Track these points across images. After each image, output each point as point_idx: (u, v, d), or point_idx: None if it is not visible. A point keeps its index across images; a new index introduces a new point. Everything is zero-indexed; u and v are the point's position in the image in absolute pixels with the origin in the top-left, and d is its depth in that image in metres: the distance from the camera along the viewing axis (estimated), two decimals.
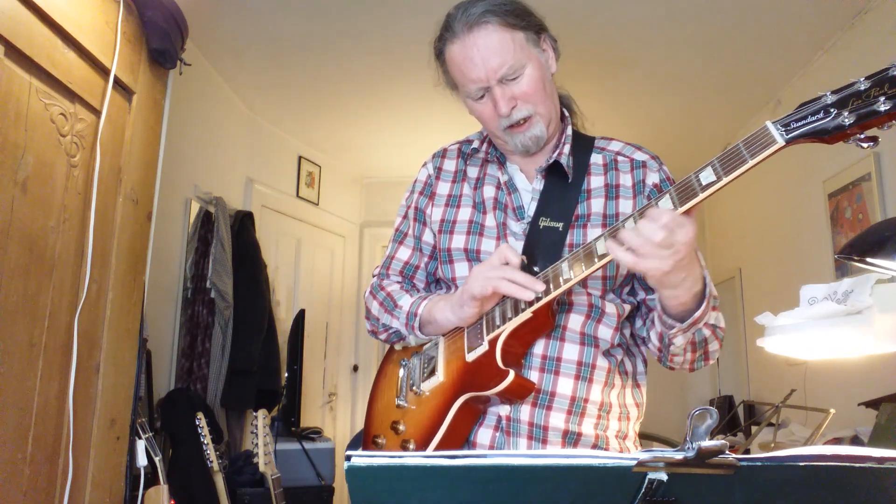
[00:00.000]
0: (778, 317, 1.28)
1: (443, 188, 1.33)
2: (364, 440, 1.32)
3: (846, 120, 0.79)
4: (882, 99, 0.76)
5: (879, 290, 1.13)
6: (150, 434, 2.20)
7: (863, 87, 0.78)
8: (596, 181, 1.25)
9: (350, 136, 4.42)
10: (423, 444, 1.14)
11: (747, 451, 2.64)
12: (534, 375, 1.15)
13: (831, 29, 3.02)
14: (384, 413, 1.28)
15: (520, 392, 1.12)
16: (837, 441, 2.50)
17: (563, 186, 1.23)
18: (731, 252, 4.63)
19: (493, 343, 1.12)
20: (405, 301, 1.28)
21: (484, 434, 1.16)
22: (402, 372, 1.29)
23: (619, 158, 1.27)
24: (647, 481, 0.59)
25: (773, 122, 0.85)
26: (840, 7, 2.86)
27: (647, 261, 0.94)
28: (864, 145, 0.80)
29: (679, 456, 0.57)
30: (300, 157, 4.57)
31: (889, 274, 1.18)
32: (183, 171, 3.26)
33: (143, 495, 2.12)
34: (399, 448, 1.18)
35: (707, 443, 0.56)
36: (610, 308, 1.21)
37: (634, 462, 0.57)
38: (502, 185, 1.27)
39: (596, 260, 1.02)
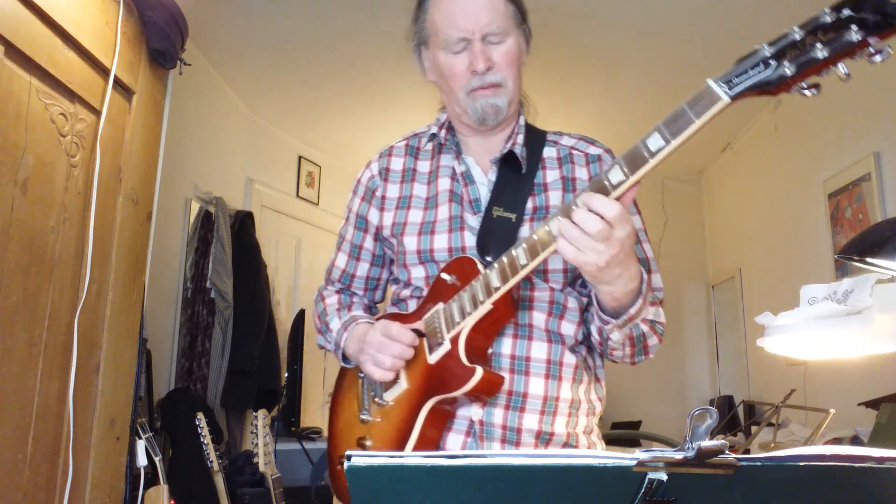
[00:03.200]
0: (778, 317, 1.28)
1: (392, 190, 1.30)
2: (329, 465, 1.29)
3: (787, 70, 0.78)
4: (819, 45, 0.75)
5: (879, 290, 1.13)
6: (150, 434, 2.20)
7: (798, 37, 0.78)
8: (552, 174, 1.23)
9: (350, 136, 4.42)
10: None
11: (747, 451, 2.64)
12: (504, 377, 1.13)
13: None
14: (348, 431, 1.25)
15: (489, 388, 1.08)
16: (837, 441, 2.50)
17: (516, 178, 1.21)
18: (731, 252, 4.63)
19: (454, 341, 1.09)
20: (335, 325, 1.29)
21: (454, 439, 1.13)
22: (360, 385, 1.26)
23: (574, 152, 1.26)
24: (647, 481, 0.59)
25: (714, 80, 0.83)
26: None
27: (584, 254, 0.92)
28: (808, 93, 0.79)
29: (679, 456, 0.57)
30: (300, 157, 4.57)
31: (889, 274, 1.18)
32: (183, 171, 3.26)
33: (143, 495, 2.12)
34: None
35: (707, 443, 0.56)
36: (571, 302, 1.19)
37: (634, 462, 0.57)
38: (458, 175, 1.25)
39: (540, 250, 0.99)
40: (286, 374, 3.81)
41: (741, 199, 4.46)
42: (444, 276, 1.15)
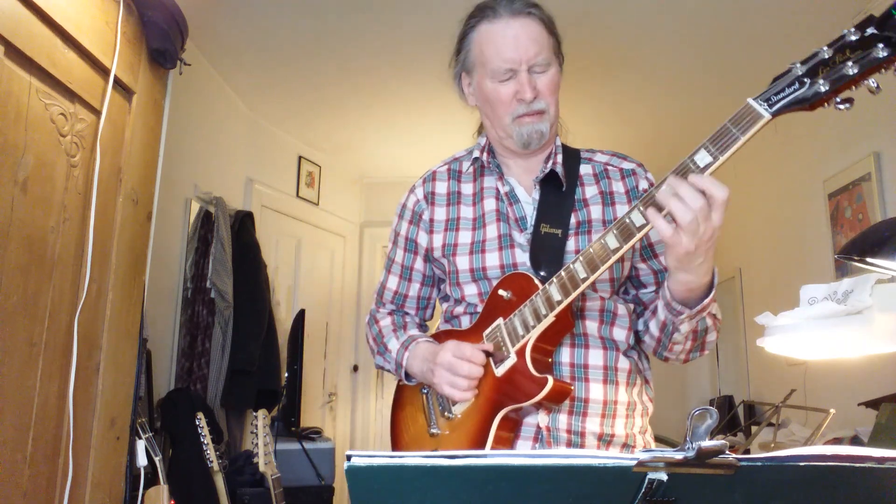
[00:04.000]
0: (778, 317, 1.28)
1: (439, 213, 1.36)
2: None
3: (822, 87, 0.84)
4: (849, 63, 0.81)
5: (879, 290, 1.13)
6: (150, 434, 2.20)
7: (827, 56, 0.84)
8: (590, 190, 1.30)
9: (350, 136, 4.42)
10: None
11: (747, 451, 2.64)
12: (572, 386, 1.17)
13: (831, 29, 3.02)
14: (416, 445, 1.28)
15: (559, 396, 1.12)
16: (837, 441, 2.50)
17: (558, 195, 1.28)
18: (731, 252, 4.63)
19: (520, 353, 1.13)
20: (393, 345, 1.34)
21: (523, 446, 1.18)
22: (426, 399, 1.30)
23: (609, 168, 1.33)
24: (647, 481, 0.59)
25: (754, 99, 0.90)
26: (840, 7, 2.86)
27: (682, 234, 0.95)
28: (842, 107, 0.85)
29: (679, 456, 0.57)
30: (300, 157, 4.57)
31: (889, 274, 1.18)
32: (183, 171, 3.26)
33: (143, 495, 2.12)
34: None
35: (707, 443, 0.56)
36: (621, 309, 1.25)
37: (634, 462, 0.57)
38: (503, 196, 1.30)
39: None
40: (286, 374, 3.81)
41: (741, 199, 4.46)
42: (501, 292, 1.20)
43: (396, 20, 3.02)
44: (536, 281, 1.15)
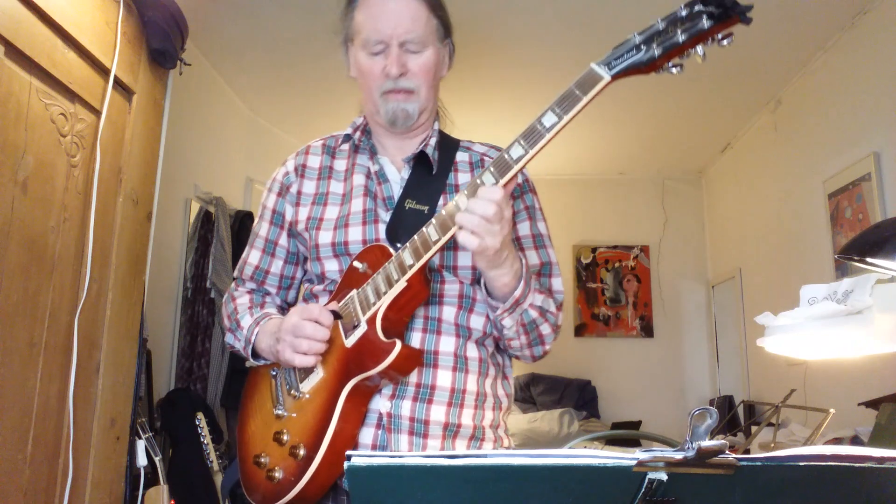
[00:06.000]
0: (778, 317, 1.28)
1: (308, 186, 1.33)
2: (242, 468, 1.28)
3: (655, 52, 0.95)
4: (679, 32, 0.93)
5: (879, 290, 1.13)
6: (150, 434, 2.20)
7: (661, 27, 0.95)
8: (463, 177, 1.29)
9: None
10: (313, 447, 1.09)
11: (747, 451, 2.64)
12: (422, 350, 1.16)
13: (831, 29, 3.02)
14: (262, 430, 1.23)
15: (408, 363, 1.09)
16: (837, 441, 2.50)
17: (429, 177, 1.27)
18: (731, 252, 4.63)
19: (371, 321, 1.10)
20: (246, 322, 1.28)
21: (366, 433, 1.14)
22: (274, 382, 1.25)
23: (486, 159, 1.32)
24: (647, 481, 0.59)
25: (596, 63, 0.98)
26: (840, 7, 2.86)
27: (484, 239, 1.00)
28: (674, 70, 0.97)
29: (679, 456, 0.57)
30: None
31: (889, 274, 1.18)
32: (183, 171, 3.26)
33: (143, 495, 2.12)
34: (288, 457, 1.12)
35: (707, 443, 0.56)
36: (480, 295, 1.21)
37: (634, 462, 0.57)
38: (372, 174, 1.29)
39: (452, 224, 1.04)
40: None
41: (741, 199, 4.46)
42: (357, 264, 1.17)
43: None
44: (391, 249, 1.13)
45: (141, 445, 2.13)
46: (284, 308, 1.39)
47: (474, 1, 2.89)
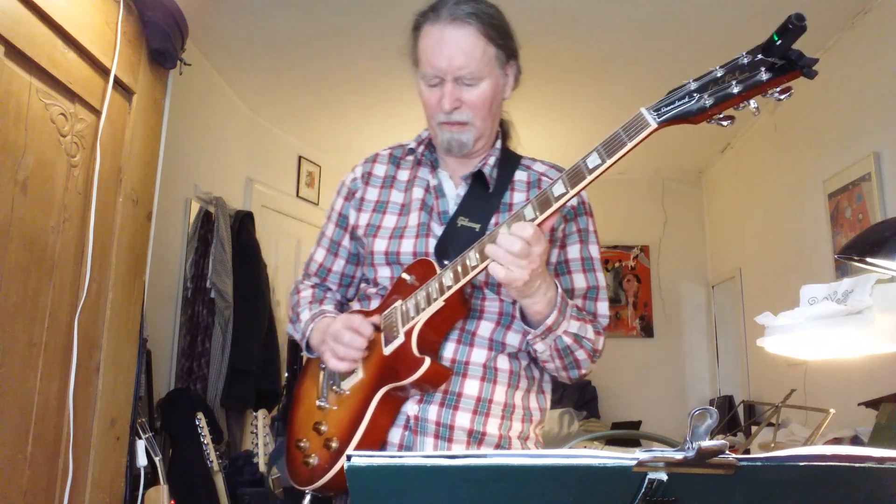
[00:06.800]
0: (778, 317, 1.28)
1: (371, 193, 1.38)
2: (287, 447, 1.35)
3: (707, 102, 0.90)
4: (734, 83, 0.88)
5: (879, 290, 1.13)
6: (150, 434, 2.20)
7: (719, 75, 0.90)
8: (519, 196, 1.31)
9: (350, 136, 4.42)
10: (345, 441, 1.17)
11: (747, 451, 2.64)
12: (451, 370, 1.20)
13: (831, 29, 3.02)
14: (306, 417, 1.31)
15: (436, 379, 1.15)
16: (837, 441, 2.50)
17: (485, 195, 1.30)
18: (731, 252, 4.63)
19: (408, 334, 1.16)
20: (305, 316, 1.36)
21: (395, 433, 1.20)
22: (322, 374, 1.33)
23: (543, 178, 1.33)
24: (647, 481, 0.59)
25: (646, 109, 0.95)
26: (840, 7, 2.86)
27: (512, 271, 1.02)
28: (724, 123, 0.92)
29: (679, 456, 0.57)
30: (300, 157, 4.57)
31: (889, 274, 1.18)
32: (183, 171, 3.26)
33: (143, 495, 2.12)
34: (322, 447, 1.20)
35: (707, 443, 0.56)
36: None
37: (634, 462, 0.57)
38: (431, 188, 1.33)
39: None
40: (286, 374, 3.80)
41: (741, 199, 4.46)
42: (405, 276, 1.23)
43: (397, 20, 3.01)
44: (436, 266, 1.18)
45: (141, 445, 2.13)
46: (344, 304, 1.48)
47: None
